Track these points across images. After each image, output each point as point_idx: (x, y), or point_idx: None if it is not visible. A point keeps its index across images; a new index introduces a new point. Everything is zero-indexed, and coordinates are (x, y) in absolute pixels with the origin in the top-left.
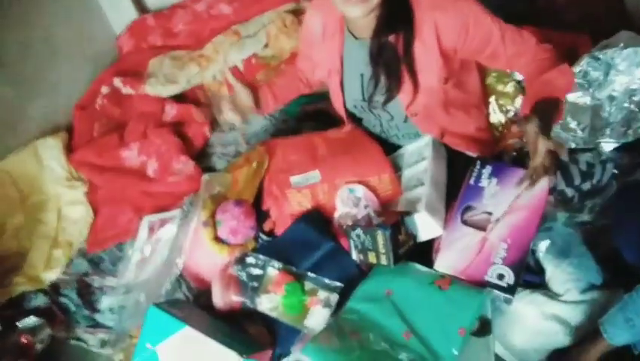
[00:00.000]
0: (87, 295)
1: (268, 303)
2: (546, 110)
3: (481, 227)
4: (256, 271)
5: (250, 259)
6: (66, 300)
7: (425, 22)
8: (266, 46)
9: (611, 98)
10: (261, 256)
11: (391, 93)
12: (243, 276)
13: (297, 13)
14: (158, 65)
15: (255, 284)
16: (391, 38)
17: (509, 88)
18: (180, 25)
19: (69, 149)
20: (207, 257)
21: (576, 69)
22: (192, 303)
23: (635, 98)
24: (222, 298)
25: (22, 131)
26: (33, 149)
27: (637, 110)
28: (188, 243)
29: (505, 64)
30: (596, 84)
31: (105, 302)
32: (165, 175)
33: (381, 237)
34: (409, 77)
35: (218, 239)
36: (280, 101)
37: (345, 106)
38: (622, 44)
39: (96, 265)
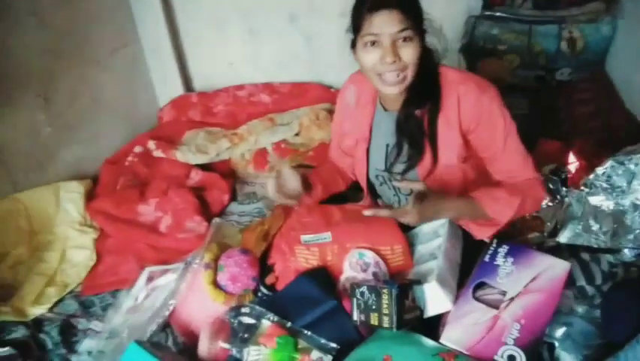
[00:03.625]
0: (69, 335)
1: (256, 355)
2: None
3: (493, 305)
4: (249, 321)
5: (245, 309)
6: (45, 337)
7: (450, 97)
8: (297, 135)
9: (635, 206)
10: (257, 307)
11: (411, 163)
12: (235, 324)
13: (330, 111)
14: (193, 136)
15: (246, 335)
16: (418, 112)
17: None
18: (220, 105)
19: (90, 197)
20: (201, 303)
21: (600, 171)
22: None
23: None
24: (209, 345)
25: (50, 173)
26: (55, 188)
27: None
28: (184, 286)
29: (495, 173)
30: (619, 190)
31: (85, 345)
32: (176, 232)
33: (386, 296)
34: (429, 150)
35: (216, 284)
36: (327, 192)
37: (367, 176)
38: None
39: (86, 307)
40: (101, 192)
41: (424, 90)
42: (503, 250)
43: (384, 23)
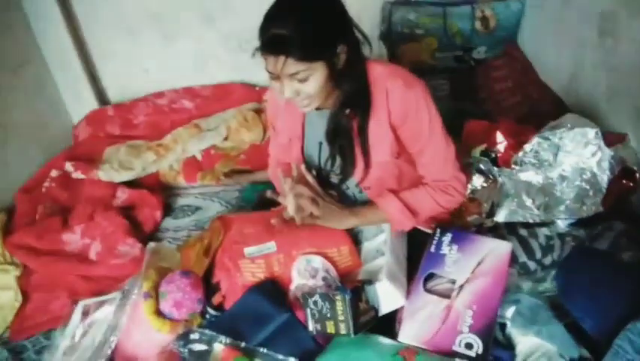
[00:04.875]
0: None
1: None
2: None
3: (444, 295)
4: (200, 348)
5: (194, 335)
6: None
7: (379, 93)
8: (225, 139)
9: (562, 177)
10: (206, 331)
11: (345, 176)
12: (185, 353)
13: (258, 111)
14: (114, 152)
15: None
16: (349, 113)
17: None
18: (141, 116)
19: (6, 231)
20: (145, 335)
21: (527, 148)
22: None
23: (586, 177)
24: None
25: None
26: None
27: (588, 187)
28: (124, 320)
29: (419, 167)
30: (547, 164)
31: None
32: (108, 258)
33: (340, 302)
34: (361, 155)
35: (159, 313)
36: None
37: None
38: (569, 125)
39: (17, 354)
40: (19, 224)
41: (353, 94)
42: (447, 238)
43: (276, 67)
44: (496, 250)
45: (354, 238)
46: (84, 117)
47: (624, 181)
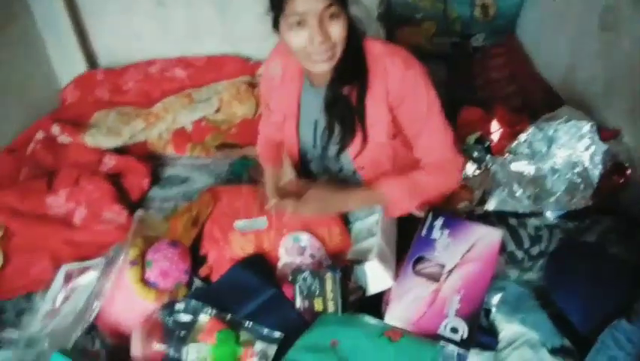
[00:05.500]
0: None
1: (196, 353)
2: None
3: (433, 278)
4: (185, 318)
5: (179, 305)
6: None
7: (377, 72)
8: (217, 111)
9: (554, 170)
10: (192, 302)
11: (345, 143)
12: (170, 322)
13: (251, 85)
14: (102, 117)
15: (183, 333)
16: (345, 90)
17: None
18: (131, 82)
19: None
20: (129, 303)
21: (522, 138)
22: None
23: (577, 170)
24: (143, 347)
25: None
26: None
27: (579, 181)
28: (109, 285)
29: (415, 150)
30: (540, 155)
31: (0, 356)
32: (93, 223)
33: (330, 280)
34: (359, 129)
35: (145, 282)
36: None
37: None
38: (565, 117)
39: None
40: (1, 185)
41: (350, 68)
42: (439, 222)
43: (309, 1)
44: (486, 237)
45: (344, 217)
46: (73, 80)
47: (615, 177)
